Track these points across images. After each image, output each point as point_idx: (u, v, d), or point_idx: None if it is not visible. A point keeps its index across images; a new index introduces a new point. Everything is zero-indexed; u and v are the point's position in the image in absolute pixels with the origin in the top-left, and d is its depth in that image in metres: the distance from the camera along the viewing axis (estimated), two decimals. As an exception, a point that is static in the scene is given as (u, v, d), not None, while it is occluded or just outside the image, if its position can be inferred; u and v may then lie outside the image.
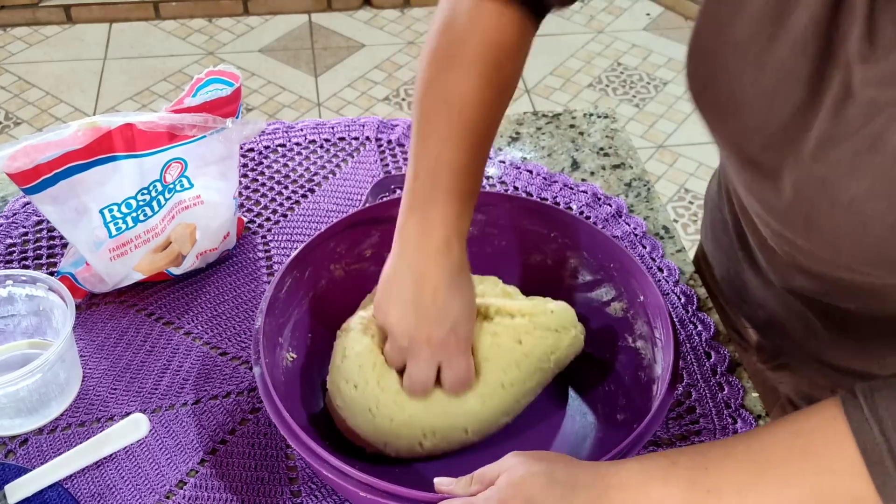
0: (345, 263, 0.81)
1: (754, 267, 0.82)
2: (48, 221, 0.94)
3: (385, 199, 0.84)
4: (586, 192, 1.00)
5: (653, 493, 0.57)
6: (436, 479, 0.62)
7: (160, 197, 0.82)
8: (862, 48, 0.54)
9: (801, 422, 0.57)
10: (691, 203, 2.28)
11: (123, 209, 0.80)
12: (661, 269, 0.92)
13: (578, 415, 0.78)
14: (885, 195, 0.54)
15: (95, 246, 0.81)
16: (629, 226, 0.96)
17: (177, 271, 0.88)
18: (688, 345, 0.84)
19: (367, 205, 0.82)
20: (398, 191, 0.86)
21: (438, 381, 0.71)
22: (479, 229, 0.84)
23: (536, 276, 0.84)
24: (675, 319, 0.74)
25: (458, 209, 0.69)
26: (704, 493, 0.56)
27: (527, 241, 0.85)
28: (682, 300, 0.88)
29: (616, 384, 0.78)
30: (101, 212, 0.79)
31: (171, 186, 0.83)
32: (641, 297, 0.76)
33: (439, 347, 0.69)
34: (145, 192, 0.81)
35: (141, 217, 0.82)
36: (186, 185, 0.84)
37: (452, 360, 0.70)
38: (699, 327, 0.86)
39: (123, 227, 0.81)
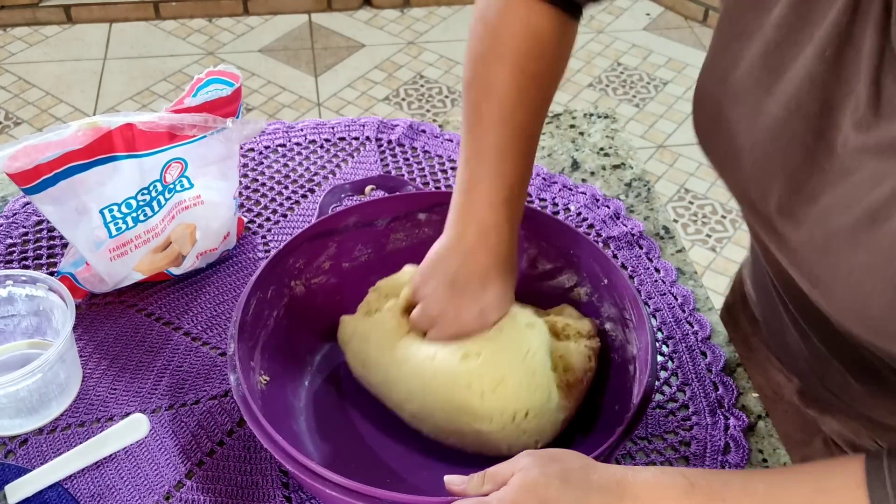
0: (305, 279, 0.81)
1: (790, 316, 0.79)
2: (48, 221, 0.94)
3: (337, 208, 0.83)
4: (585, 194, 1.00)
5: None
6: (446, 477, 0.62)
7: (160, 197, 0.83)
8: (866, 114, 0.51)
9: (824, 479, 0.56)
10: (691, 203, 2.28)
11: (123, 209, 0.80)
12: (657, 270, 0.92)
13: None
14: (883, 272, 0.52)
15: (95, 246, 0.81)
16: (626, 227, 0.96)
17: (177, 271, 0.88)
18: (683, 344, 0.84)
19: (322, 217, 0.82)
20: (347, 201, 0.86)
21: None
22: (434, 230, 0.83)
23: None
24: (642, 301, 0.73)
25: (506, 195, 0.71)
26: None
27: None
28: (679, 300, 0.88)
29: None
30: (101, 212, 0.79)
31: (172, 186, 0.83)
32: (605, 281, 0.77)
33: (464, 326, 0.72)
34: (145, 192, 0.81)
35: (141, 217, 0.82)
36: (186, 185, 0.84)
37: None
38: (695, 327, 0.86)
39: (123, 227, 0.81)
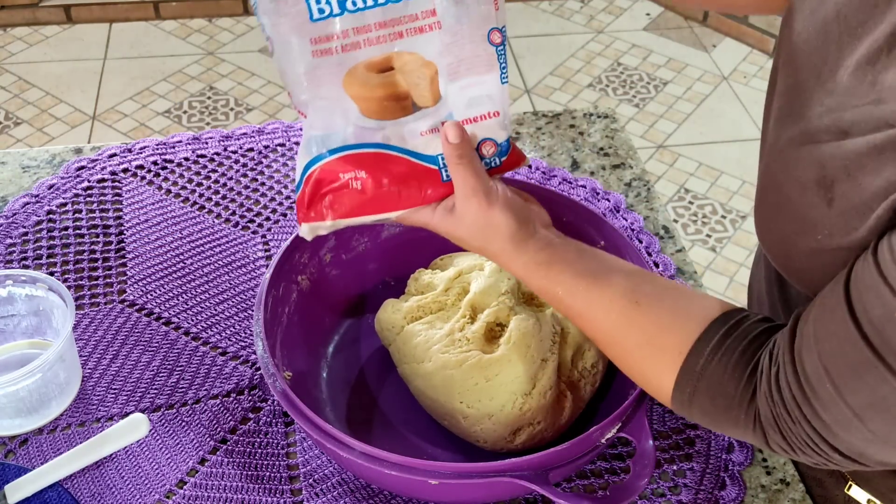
0: (309, 273, 0.81)
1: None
2: (48, 221, 0.94)
3: None
4: (585, 187, 1.00)
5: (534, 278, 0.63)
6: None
7: None
8: (882, 48, 0.52)
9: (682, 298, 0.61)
10: (691, 203, 2.28)
11: None
12: (656, 265, 0.92)
13: None
14: (798, 181, 0.55)
15: (300, 28, 0.59)
16: (626, 220, 0.96)
17: (424, 146, 0.62)
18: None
19: None
20: None
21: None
22: None
23: None
24: (643, 252, 0.75)
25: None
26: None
27: None
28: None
29: None
30: None
31: None
32: (602, 242, 0.79)
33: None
34: None
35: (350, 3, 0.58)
36: None
37: None
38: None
39: (327, 8, 0.59)
